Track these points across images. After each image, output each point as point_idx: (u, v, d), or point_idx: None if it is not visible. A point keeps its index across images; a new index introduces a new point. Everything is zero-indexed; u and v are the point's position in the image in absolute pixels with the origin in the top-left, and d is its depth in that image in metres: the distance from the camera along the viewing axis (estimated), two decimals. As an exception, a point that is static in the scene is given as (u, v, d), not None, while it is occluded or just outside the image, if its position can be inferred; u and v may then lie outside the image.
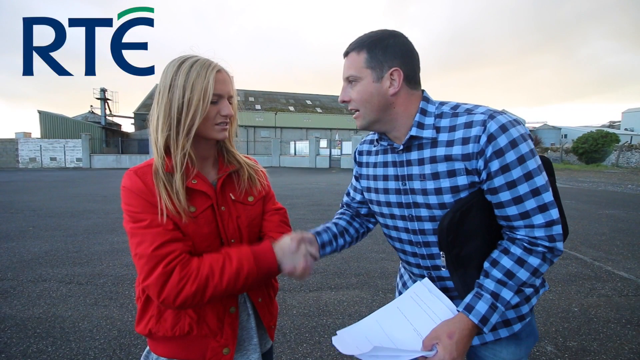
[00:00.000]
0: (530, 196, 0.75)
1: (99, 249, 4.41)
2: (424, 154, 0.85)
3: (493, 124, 0.76)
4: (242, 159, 0.98)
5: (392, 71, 0.82)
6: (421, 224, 0.89)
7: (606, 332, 2.46)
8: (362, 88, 0.84)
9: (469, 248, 0.82)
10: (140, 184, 0.81)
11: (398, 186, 0.91)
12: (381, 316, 0.91)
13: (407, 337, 0.83)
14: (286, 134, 35.43)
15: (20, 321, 2.56)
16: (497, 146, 0.75)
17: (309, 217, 6.37)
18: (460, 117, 0.81)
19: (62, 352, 2.20)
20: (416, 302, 0.88)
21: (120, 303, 2.89)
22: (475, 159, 0.77)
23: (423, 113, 0.86)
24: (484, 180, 0.78)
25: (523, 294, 0.80)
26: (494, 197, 0.79)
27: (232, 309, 0.89)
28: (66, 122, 29.37)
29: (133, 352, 2.19)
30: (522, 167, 0.75)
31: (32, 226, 5.66)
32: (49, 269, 3.68)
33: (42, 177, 16.24)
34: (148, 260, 0.76)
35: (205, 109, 0.81)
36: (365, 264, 3.88)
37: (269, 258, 0.83)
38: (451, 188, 0.81)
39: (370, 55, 0.83)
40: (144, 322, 0.86)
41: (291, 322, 2.59)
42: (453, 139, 0.80)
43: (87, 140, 24.87)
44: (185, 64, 0.82)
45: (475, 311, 0.77)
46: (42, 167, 25.26)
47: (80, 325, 2.53)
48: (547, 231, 0.76)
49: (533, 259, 0.77)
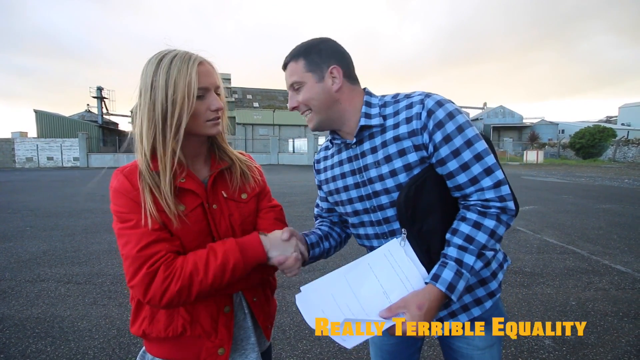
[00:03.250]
0: (475, 161, 0.81)
1: (97, 248, 4.40)
2: (375, 142, 0.90)
3: (430, 101, 0.83)
4: (235, 155, 0.95)
5: (331, 69, 0.88)
6: (384, 213, 0.91)
7: (603, 325, 2.48)
8: (307, 90, 0.89)
9: (430, 223, 0.84)
10: (127, 184, 0.79)
11: (356, 180, 0.94)
12: (350, 271, 0.89)
13: (373, 297, 0.82)
14: (284, 132, 35.36)
15: (18, 321, 2.56)
16: (437, 119, 0.82)
17: (307, 215, 6.37)
18: (401, 102, 0.88)
19: (61, 351, 2.19)
20: (389, 262, 0.86)
21: (119, 302, 2.88)
22: (420, 134, 0.83)
23: (368, 105, 0.92)
24: (432, 153, 0.83)
25: (485, 257, 0.82)
26: (443, 169, 0.83)
27: (226, 309, 0.87)
28: (63, 121, 29.19)
29: (132, 351, 2.19)
30: (462, 135, 0.81)
31: (29, 226, 5.64)
32: (47, 268, 3.67)
33: (39, 176, 16.15)
34: (133, 261, 0.75)
35: (192, 106, 0.78)
36: (364, 260, 3.89)
37: (255, 248, 0.82)
38: (404, 167, 0.85)
39: (307, 60, 0.89)
40: (138, 323, 0.86)
41: (290, 319, 2.60)
42: (398, 121, 0.87)
43: (84, 139, 24.71)
44: (164, 61, 0.78)
45: (442, 279, 0.79)
46: (39, 167, 25.12)
47: (79, 324, 2.52)
48: (496, 192, 0.80)
49: (488, 221, 0.80)
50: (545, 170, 18.20)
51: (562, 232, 5.06)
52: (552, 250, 4.22)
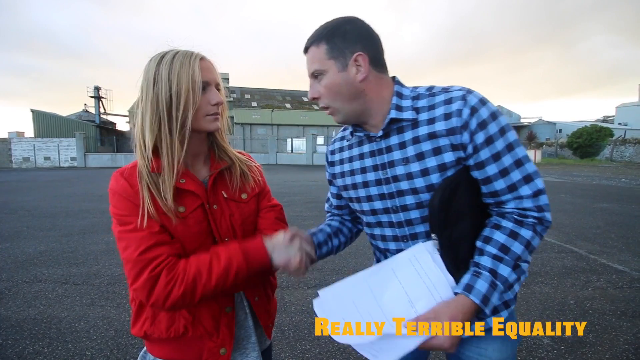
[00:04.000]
0: (515, 167, 0.75)
1: (94, 248, 4.38)
2: (404, 137, 0.82)
3: (473, 98, 0.77)
4: (235, 155, 0.94)
5: (355, 56, 0.79)
6: (407, 214, 0.84)
7: (601, 324, 2.48)
8: (329, 80, 0.81)
9: (460, 229, 0.79)
10: (126, 186, 0.78)
11: (378, 176, 0.87)
12: (371, 276, 0.83)
13: (397, 304, 0.76)
14: (283, 132, 35.33)
15: (15, 322, 2.54)
16: (481, 118, 0.75)
17: (306, 214, 6.36)
18: (438, 96, 0.81)
19: (58, 353, 2.18)
20: (415, 268, 0.79)
21: (117, 303, 2.87)
22: (459, 133, 0.76)
23: (399, 96, 0.83)
24: (470, 154, 0.77)
25: (519, 269, 0.76)
26: (481, 172, 0.77)
27: (228, 309, 0.87)
28: (60, 121, 29.07)
29: (130, 352, 2.18)
30: (504, 138, 0.76)
31: (26, 226, 5.60)
32: (45, 269, 3.65)
33: (36, 176, 16.07)
34: (134, 265, 0.74)
35: (197, 99, 0.78)
36: (363, 259, 3.88)
37: (259, 253, 0.81)
38: (438, 167, 0.78)
39: (329, 45, 0.80)
40: (139, 324, 0.85)
41: (290, 319, 2.59)
42: (434, 117, 0.79)
43: (81, 139, 24.60)
44: (166, 57, 0.78)
45: (476, 291, 0.72)
46: (36, 167, 25.00)
47: (77, 325, 2.51)
48: (534, 201, 0.75)
49: (525, 231, 0.75)
50: (542, 169, 18.26)
51: (560, 231, 5.07)
52: (550, 249, 4.24)
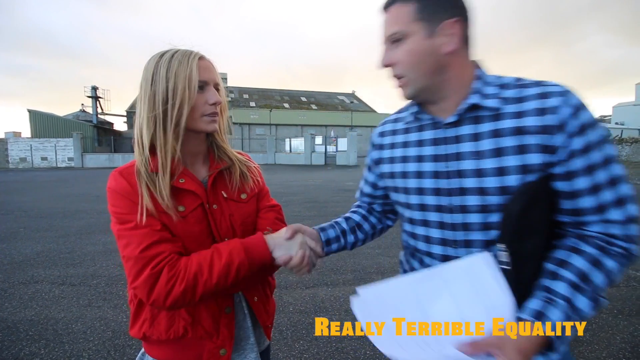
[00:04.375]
0: (609, 186, 0.64)
1: (92, 249, 4.36)
2: (481, 127, 0.70)
3: (574, 97, 0.65)
4: (234, 155, 0.95)
5: (450, 22, 0.68)
6: (465, 217, 0.73)
7: (598, 322, 2.49)
8: (412, 46, 0.69)
9: (531, 245, 0.67)
10: (125, 185, 0.78)
11: (437, 168, 0.75)
12: (420, 283, 0.72)
13: (445, 317, 0.67)
14: (281, 131, 35.30)
15: (12, 324, 2.52)
16: (582, 121, 0.63)
17: (304, 214, 6.36)
18: (530, 88, 0.69)
19: (55, 354, 2.17)
20: (471, 282, 0.68)
21: (114, 304, 2.86)
22: (554, 133, 0.64)
23: (482, 81, 0.72)
24: (561, 161, 0.65)
25: (599, 305, 0.64)
26: (567, 184, 0.65)
27: (227, 309, 0.87)
28: (57, 121, 28.91)
29: (128, 353, 2.17)
30: (602, 150, 0.64)
31: (23, 227, 5.57)
32: (41, 270, 3.63)
33: (33, 177, 15.98)
34: (135, 262, 0.74)
35: (193, 97, 0.78)
36: (361, 259, 3.88)
37: (260, 248, 0.81)
38: (520, 168, 0.66)
39: (421, 4, 0.68)
40: (138, 326, 0.85)
41: (287, 319, 2.59)
42: (523, 110, 0.67)
43: (78, 139, 24.48)
44: (166, 56, 0.79)
45: (550, 320, 0.60)
46: (33, 167, 24.87)
47: (74, 326, 2.49)
48: (624, 229, 0.64)
49: (610, 261, 0.63)
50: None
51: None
52: (547, 249, 4.25)
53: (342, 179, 13.42)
